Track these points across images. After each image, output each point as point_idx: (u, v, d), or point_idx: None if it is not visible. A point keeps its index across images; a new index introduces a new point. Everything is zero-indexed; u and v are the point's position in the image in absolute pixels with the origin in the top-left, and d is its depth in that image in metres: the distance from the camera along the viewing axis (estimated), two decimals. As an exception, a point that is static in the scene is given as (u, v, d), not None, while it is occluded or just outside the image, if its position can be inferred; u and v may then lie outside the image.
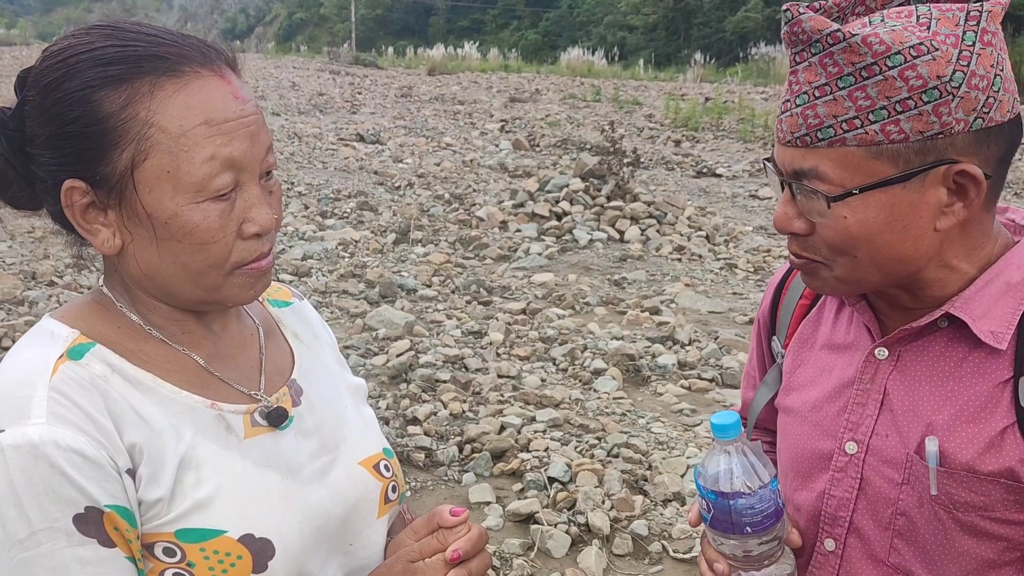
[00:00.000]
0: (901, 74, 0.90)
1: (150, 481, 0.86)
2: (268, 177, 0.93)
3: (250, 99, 0.90)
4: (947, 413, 1.01)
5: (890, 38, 0.91)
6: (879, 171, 0.94)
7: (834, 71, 0.93)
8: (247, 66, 1.01)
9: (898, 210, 0.95)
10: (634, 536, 3.19)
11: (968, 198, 0.95)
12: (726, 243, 7.64)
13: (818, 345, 1.17)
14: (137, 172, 0.85)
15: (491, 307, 5.80)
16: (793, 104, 0.97)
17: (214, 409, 0.93)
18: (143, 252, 0.89)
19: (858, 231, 0.96)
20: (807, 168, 0.97)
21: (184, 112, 0.85)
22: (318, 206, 8.51)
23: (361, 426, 1.08)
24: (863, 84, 0.92)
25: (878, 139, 0.92)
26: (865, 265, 0.98)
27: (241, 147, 0.87)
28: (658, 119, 16.03)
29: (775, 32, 32.38)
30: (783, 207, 1.02)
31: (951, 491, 1.00)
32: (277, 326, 1.09)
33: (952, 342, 1.02)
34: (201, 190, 0.86)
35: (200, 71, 0.87)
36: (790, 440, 1.18)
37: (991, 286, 1.00)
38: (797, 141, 0.97)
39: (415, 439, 3.86)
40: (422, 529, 0.98)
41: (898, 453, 1.04)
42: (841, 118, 0.93)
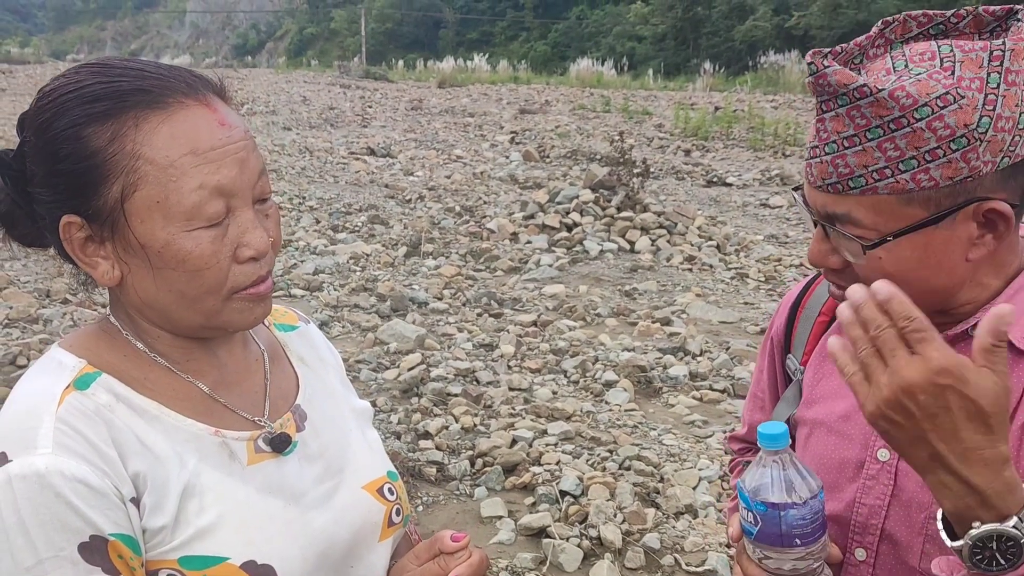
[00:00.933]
0: (929, 125, 0.92)
1: (154, 509, 0.87)
2: (263, 202, 0.94)
3: (238, 125, 0.91)
4: None
5: (916, 90, 0.92)
6: (911, 216, 0.96)
7: (862, 123, 0.95)
8: (259, 81, 1.02)
9: (931, 248, 0.98)
10: (646, 549, 3.18)
11: (998, 231, 0.98)
12: (737, 252, 7.62)
13: None
14: (127, 204, 0.87)
15: (502, 319, 5.80)
16: (822, 151, 0.99)
17: (218, 436, 0.94)
18: (141, 282, 0.90)
19: (893, 270, 0.97)
20: (840, 213, 0.99)
21: (170, 142, 0.86)
22: (329, 220, 8.55)
23: (365, 450, 1.08)
24: (892, 136, 0.93)
25: (909, 187, 0.94)
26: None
27: (230, 174, 0.88)
28: (668, 129, 16.03)
29: (784, 40, 32.37)
30: (817, 244, 1.05)
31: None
32: (283, 350, 1.10)
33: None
34: (192, 218, 0.87)
35: (184, 101, 0.88)
36: (814, 452, 1.18)
37: (1020, 295, 1.02)
38: (828, 188, 0.99)
39: (427, 453, 3.86)
40: (424, 554, 0.99)
41: None
42: (872, 168, 0.95)
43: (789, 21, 32.27)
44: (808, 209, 1.05)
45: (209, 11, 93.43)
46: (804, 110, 18.40)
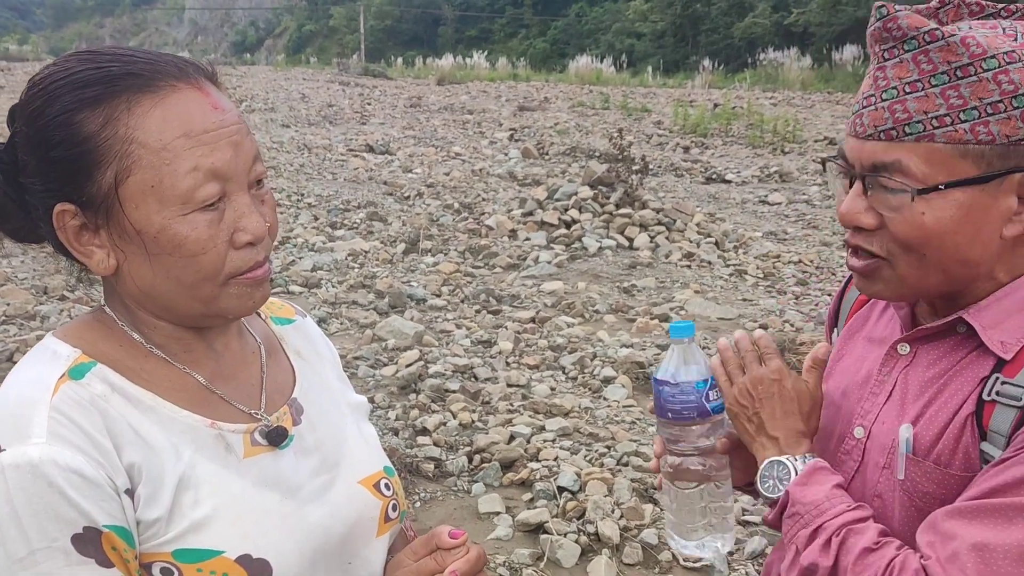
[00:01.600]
0: (995, 77, 0.93)
1: (148, 501, 0.87)
2: (259, 186, 0.93)
3: (230, 109, 0.91)
4: (934, 406, 1.05)
5: (986, 42, 0.94)
6: (963, 170, 0.96)
7: (928, 68, 0.95)
8: (258, 78, 1.02)
9: (973, 212, 0.97)
10: (644, 545, 3.18)
11: None
12: (736, 249, 7.62)
13: (861, 337, 1.23)
14: (121, 189, 0.86)
15: (500, 316, 5.80)
16: (879, 99, 0.99)
17: (214, 428, 0.94)
18: (137, 269, 0.90)
19: (933, 227, 0.98)
20: (889, 161, 0.98)
21: (162, 126, 0.86)
22: (328, 217, 8.54)
23: (362, 444, 1.08)
24: (957, 83, 0.94)
25: (967, 138, 0.95)
26: (931, 264, 1.01)
27: (224, 157, 0.88)
28: (667, 126, 16.02)
29: (783, 38, 32.29)
30: (852, 201, 1.03)
31: (915, 479, 1.05)
32: (279, 344, 1.09)
33: (961, 344, 1.06)
34: (187, 202, 0.86)
35: (176, 84, 0.88)
36: (820, 422, 1.23)
37: (1008, 299, 1.03)
38: (881, 134, 0.98)
39: (424, 449, 3.86)
40: (421, 550, 0.99)
41: (886, 439, 1.10)
42: (932, 114, 0.95)
43: (788, 18, 32.22)
44: (846, 164, 1.04)
45: (208, 8, 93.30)
46: (803, 107, 18.39)
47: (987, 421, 0.99)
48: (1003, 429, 0.97)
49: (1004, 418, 0.97)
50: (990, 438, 0.98)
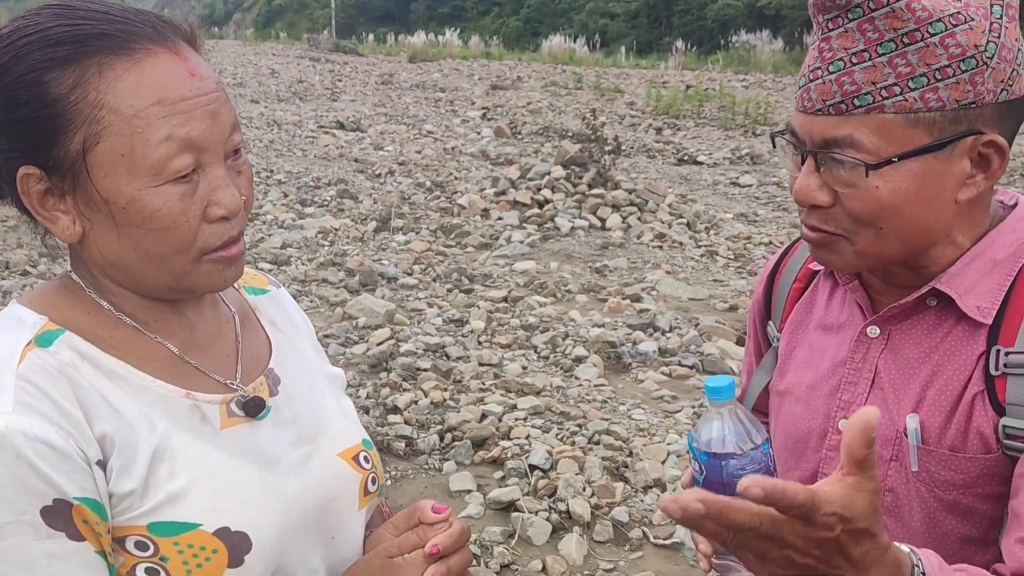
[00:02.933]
0: (942, 41, 0.91)
1: (121, 473, 0.84)
2: (236, 157, 0.90)
3: (209, 76, 0.87)
4: (934, 390, 1.02)
5: (931, 5, 0.91)
6: (915, 139, 0.94)
7: (874, 37, 0.92)
8: (226, 52, 0.98)
9: (928, 180, 0.95)
10: (615, 523, 3.20)
11: (991, 169, 0.97)
12: (707, 230, 7.66)
13: (812, 326, 1.18)
14: (90, 156, 0.82)
15: (472, 295, 5.78)
16: (825, 71, 0.95)
17: (189, 399, 0.91)
18: (104, 239, 0.86)
19: (889, 201, 0.95)
20: (840, 136, 0.95)
21: (136, 91, 0.82)
22: (298, 194, 8.44)
23: (340, 417, 1.06)
24: (904, 51, 0.92)
25: (917, 107, 0.92)
26: (889, 237, 0.98)
27: (200, 126, 0.84)
28: (639, 107, 16.01)
29: (755, 20, 32.41)
30: (805, 178, 0.99)
31: (931, 468, 1.01)
32: (254, 314, 1.07)
33: (939, 319, 1.03)
34: (159, 173, 0.83)
35: (153, 48, 0.84)
36: (783, 421, 1.19)
37: (977, 262, 1.01)
38: (830, 109, 0.95)
39: (395, 428, 3.84)
40: (402, 524, 0.97)
41: (887, 431, 1.05)
42: (880, 85, 0.93)
43: (761, 1, 32.30)
44: (797, 141, 1.01)
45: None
46: (775, 90, 18.48)
47: (1003, 395, 0.96)
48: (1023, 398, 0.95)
49: (1021, 387, 0.95)
50: (1010, 411, 0.96)
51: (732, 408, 1.01)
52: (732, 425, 1.00)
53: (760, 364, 1.29)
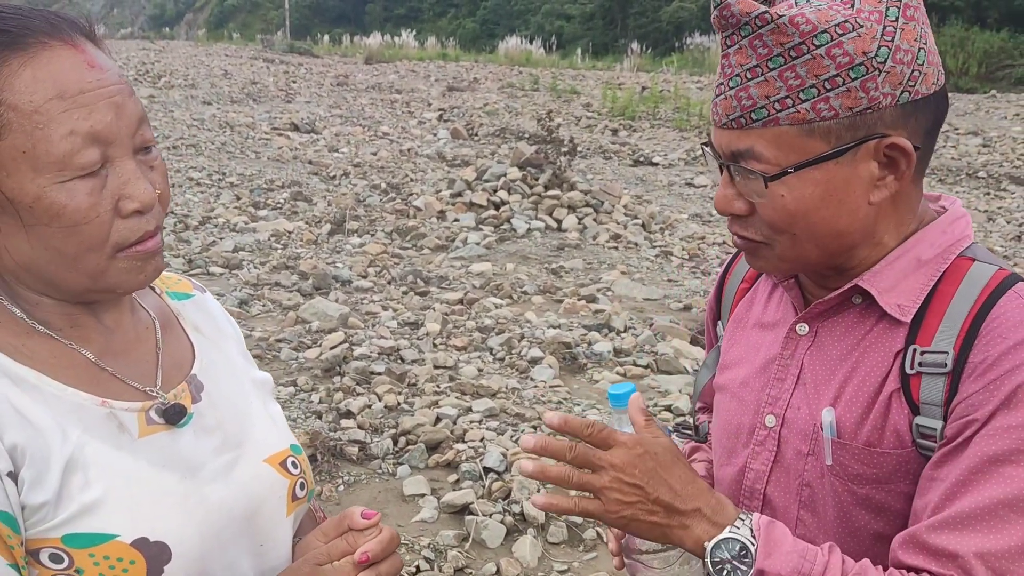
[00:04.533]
0: (828, 52, 0.92)
1: (34, 484, 0.81)
2: (147, 152, 0.87)
3: (110, 67, 0.85)
4: (852, 385, 1.03)
5: (816, 17, 0.93)
6: (812, 148, 0.96)
7: (764, 52, 0.95)
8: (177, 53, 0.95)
9: (832, 185, 0.97)
10: (569, 524, 3.20)
11: (899, 170, 0.98)
12: (662, 231, 7.72)
13: (749, 324, 1.21)
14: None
15: (428, 297, 5.75)
16: (727, 87, 0.98)
17: (105, 407, 0.88)
18: (13, 241, 0.83)
19: (795, 208, 0.98)
20: (743, 149, 0.98)
21: (33, 86, 0.79)
22: (250, 197, 8.32)
23: (267, 422, 1.04)
24: (792, 64, 0.94)
25: (809, 117, 0.94)
26: (804, 242, 1.00)
27: (104, 119, 0.82)
28: (595, 108, 16.10)
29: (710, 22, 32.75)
30: (723, 189, 1.03)
31: (845, 462, 1.02)
32: (176, 319, 1.04)
33: (862, 316, 1.05)
34: (64, 168, 0.80)
35: (48, 42, 0.81)
36: (720, 417, 1.21)
37: (901, 261, 1.02)
38: (732, 123, 0.98)
39: (348, 432, 3.80)
40: (332, 531, 0.95)
41: (806, 425, 1.07)
42: (773, 98, 0.95)
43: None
44: (715, 153, 1.04)
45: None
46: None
47: (917, 394, 0.98)
48: (936, 398, 0.96)
49: (934, 387, 0.96)
50: (924, 410, 0.97)
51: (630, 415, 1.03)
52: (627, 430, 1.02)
53: (705, 362, 1.32)
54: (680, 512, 0.95)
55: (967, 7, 26.64)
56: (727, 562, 0.93)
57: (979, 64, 21.23)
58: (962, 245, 1.03)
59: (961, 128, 13.52)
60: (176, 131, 11.32)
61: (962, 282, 1.00)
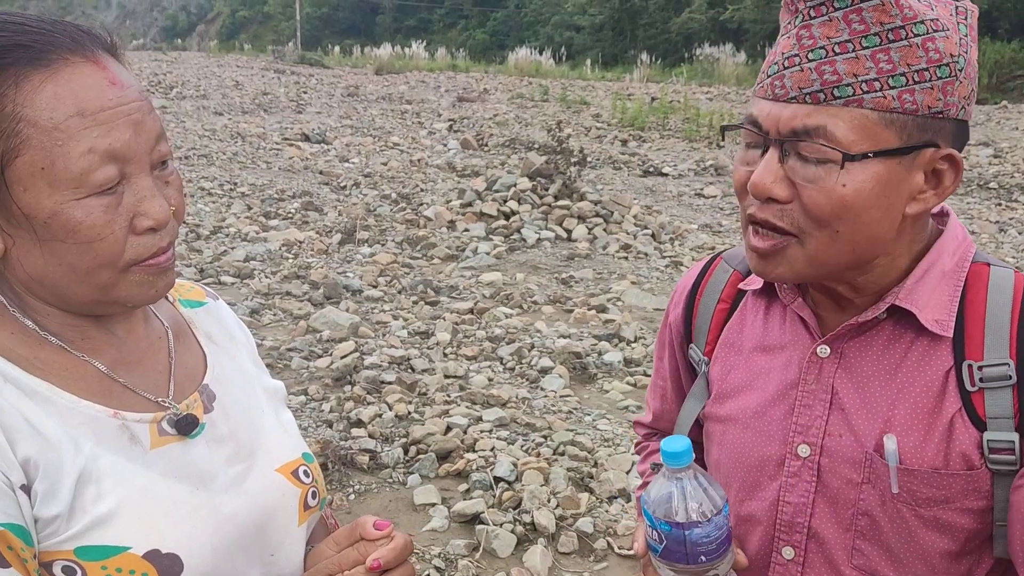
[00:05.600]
0: (923, 44, 0.90)
1: (47, 497, 0.81)
2: (163, 167, 0.87)
3: (131, 84, 0.85)
4: (903, 408, 0.99)
5: (915, 6, 0.90)
6: (886, 139, 0.91)
7: (860, 28, 0.90)
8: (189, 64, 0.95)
9: (889, 186, 0.93)
10: (580, 534, 3.19)
11: (942, 186, 0.96)
12: (672, 241, 7.71)
13: (747, 348, 1.13)
14: (8, 171, 0.80)
15: (438, 307, 5.75)
16: (804, 59, 0.92)
17: (117, 418, 0.88)
18: (27, 255, 0.83)
19: (853, 200, 0.92)
20: (813, 126, 0.91)
21: (54, 103, 0.79)
22: (261, 207, 8.36)
23: (279, 431, 1.03)
24: (887, 47, 0.90)
25: (893, 105, 0.91)
26: (843, 241, 0.95)
27: (122, 137, 0.82)
28: (605, 119, 16.11)
29: (718, 33, 32.79)
30: (766, 169, 0.94)
31: (913, 488, 0.98)
32: (189, 328, 1.04)
33: (895, 334, 1.01)
34: (81, 185, 0.80)
35: (70, 59, 0.81)
36: (731, 449, 1.13)
37: (929, 276, 1.00)
38: (807, 97, 0.91)
39: (359, 441, 3.80)
40: (344, 540, 0.95)
41: (855, 452, 1.01)
42: (862, 78, 0.90)
43: (724, 14, 32.74)
44: (760, 130, 0.96)
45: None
46: (738, 102, 18.70)
47: (982, 411, 0.95)
48: (1006, 411, 0.94)
49: (1001, 400, 0.94)
50: (992, 425, 0.94)
51: (691, 472, 0.96)
52: (693, 491, 0.95)
53: (690, 392, 1.22)
54: None
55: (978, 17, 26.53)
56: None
57: (990, 74, 21.15)
58: (971, 250, 1.02)
59: (972, 139, 13.47)
60: (188, 141, 11.39)
61: (989, 289, 0.98)
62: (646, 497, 0.99)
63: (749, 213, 0.99)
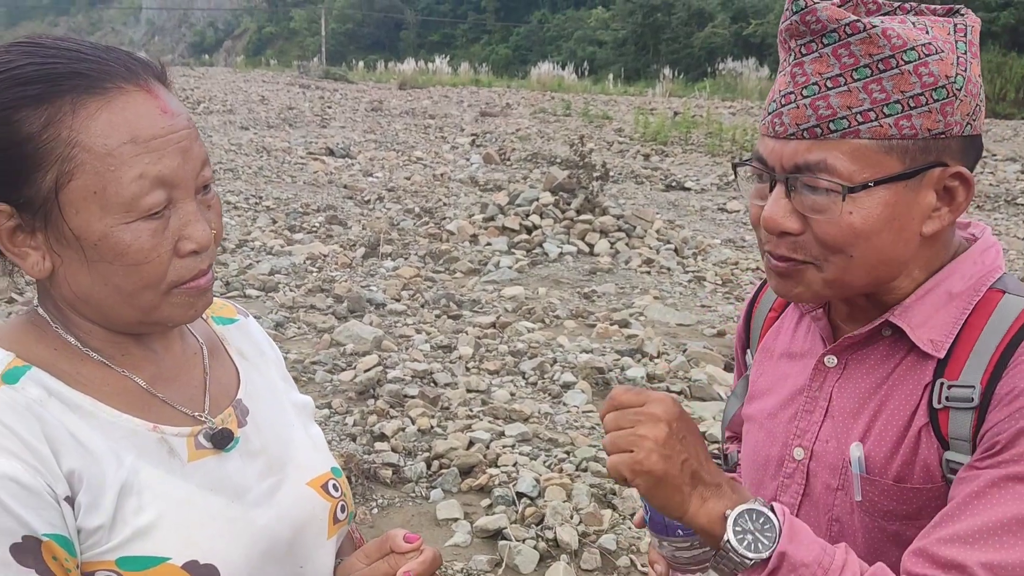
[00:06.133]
0: (916, 70, 0.92)
1: (90, 508, 0.84)
2: (205, 192, 0.90)
3: (180, 113, 0.88)
4: (881, 420, 1.02)
5: (905, 34, 0.92)
6: (888, 166, 0.94)
7: (849, 62, 0.93)
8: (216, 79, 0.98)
9: (898, 209, 0.95)
10: (602, 551, 3.18)
11: (955, 202, 0.97)
12: (694, 256, 7.69)
13: (777, 354, 1.19)
14: (62, 194, 0.83)
15: (461, 321, 5.78)
16: (799, 96, 0.95)
17: (156, 432, 0.91)
18: (74, 275, 0.86)
19: (861, 227, 0.95)
20: (814, 161, 0.94)
21: (108, 130, 0.82)
22: (286, 220, 8.44)
23: (308, 445, 1.06)
24: (879, 76, 0.92)
25: (891, 133, 0.93)
26: (858, 265, 0.97)
27: (172, 164, 0.85)
28: (627, 133, 16.13)
29: (741, 48, 32.80)
30: (776, 205, 0.98)
31: (874, 499, 1.01)
32: (222, 344, 1.06)
33: (892, 350, 1.03)
34: (131, 210, 0.83)
35: (124, 87, 0.84)
36: (748, 447, 1.19)
37: (932, 295, 1.01)
38: (804, 133, 0.95)
39: (382, 455, 3.82)
40: (374, 553, 0.97)
41: (835, 459, 1.05)
42: (856, 109, 0.92)
43: (747, 29, 32.72)
44: (765, 168, 0.99)
45: (165, 8, 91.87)
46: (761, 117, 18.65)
47: (945, 429, 0.96)
48: (964, 433, 0.95)
49: (962, 422, 0.95)
50: (953, 446, 0.96)
51: None
52: None
53: (734, 391, 1.30)
54: (704, 483, 0.91)
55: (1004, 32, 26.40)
56: (749, 532, 0.89)
57: (1016, 89, 20.97)
58: (993, 276, 1.02)
59: (999, 154, 13.34)
60: (214, 156, 11.53)
61: (992, 315, 0.98)
62: None
63: (767, 250, 1.03)
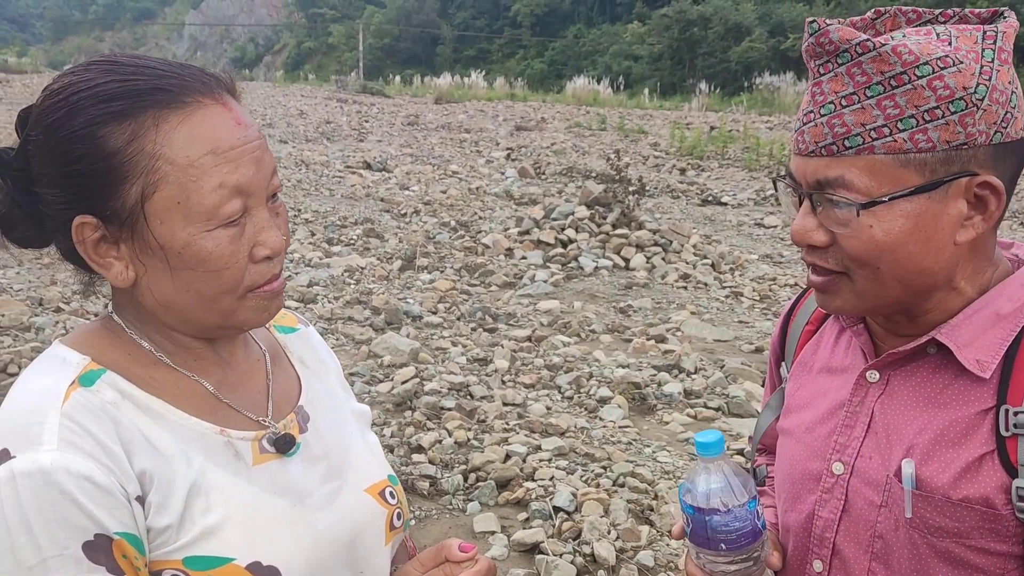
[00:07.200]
0: (929, 84, 0.92)
1: (159, 508, 0.86)
2: (274, 199, 0.94)
3: (252, 124, 0.92)
4: (927, 437, 1.01)
5: (918, 49, 0.93)
6: (906, 180, 0.94)
7: (862, 80, 0.94)
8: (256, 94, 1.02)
9: (922, 220, 0.96)
10: (640, 567, 3.16)
11: (988, 211, 0.97)
12: (732, 271, 7.64)
13: (816, 368, 1.19)
14: (147, 205, 0.86)
15: (496, 334, 5.79)
16: (817, 114, 0.97)
17: (223, 435, 0.93)
18: (158, 283, 0.90)
19: (883, 240, 0.96)
20: (832, 177, 0.96)
21: (190, 143, 0.86)
22: (324, 233, 8.55)
23: (366, 453, 1.08)
24: (892, 93, 0.93)
25: (906, 147, 0.93)
26: (887, 277, 0.99)
27: (247, 173, 0.88)
28: (663, 148, 16.10)
29: (779, 62, 32.60)
30: (803, 219, 1.01)
31: (925, 515, 1.00)
32: (283, 352, 1.09)
33: (939, 368, 1.03)
34: (212, 218, 0.87)
35: (202, 100, 0.88)
36: (784, 461, 1.19)
37: (980, 315, 1.01)
38: (822, 150, 0.97)
39: (420, 467, 3.84)
40: (429, 561, 0.98)
41: (879, 475, 1.05)
42: (869, 126, 0.94)
43: (784, 43, 32.51)
44: (794, 183, 1.02)
45: (208, 24, 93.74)
46: (798, 131, 18.50)
47: (1015, 456, 0.95)
48: None
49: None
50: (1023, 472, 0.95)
51: (720, 463, 1.03)
52: (719, 481, 1.03)
53: (767, 403, 1.30)
54: None
55: (1049, 45, 25.92)
56: None
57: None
58: None
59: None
60: (254, 169, 11.70)
61: None
62: (684, 483, 1.07)
63: (807, 262, 1.06)
